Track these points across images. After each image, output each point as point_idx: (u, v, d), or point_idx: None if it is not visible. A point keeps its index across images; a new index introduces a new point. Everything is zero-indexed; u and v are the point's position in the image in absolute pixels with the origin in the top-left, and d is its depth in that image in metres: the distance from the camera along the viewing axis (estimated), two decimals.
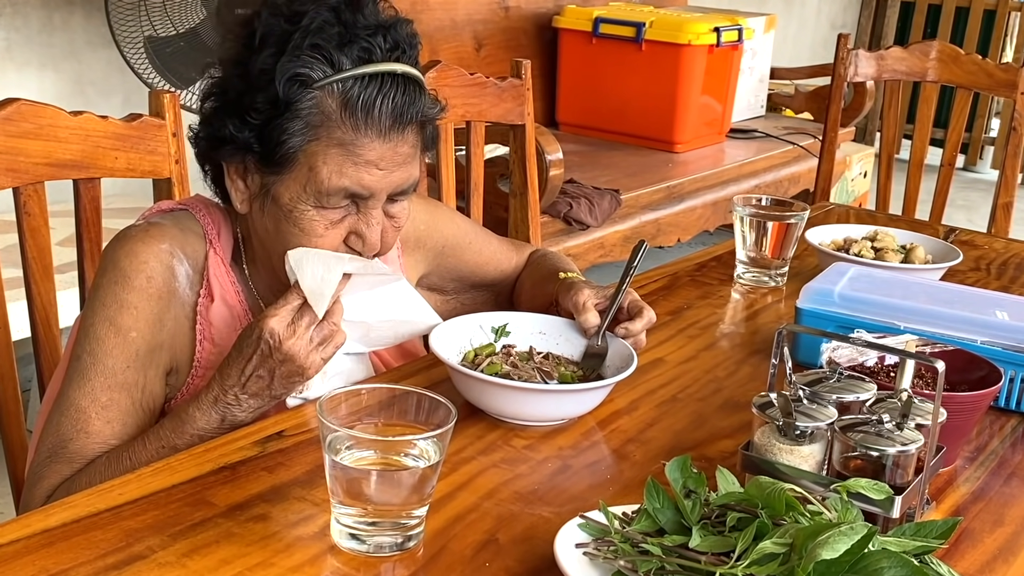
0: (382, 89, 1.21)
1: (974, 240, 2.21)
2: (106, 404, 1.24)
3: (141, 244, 1.28)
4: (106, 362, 1.24)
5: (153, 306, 1.27)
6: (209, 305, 1.31)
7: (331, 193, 1.22)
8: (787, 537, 0.90)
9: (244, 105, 1.23)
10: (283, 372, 1.18)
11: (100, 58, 3.26)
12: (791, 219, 1.82)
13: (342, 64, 1.21)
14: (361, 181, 1.22)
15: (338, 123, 1.21)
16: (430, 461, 1.00)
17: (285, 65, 1.20)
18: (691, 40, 3.78)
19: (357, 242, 1.27)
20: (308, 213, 1.24)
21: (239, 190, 1.29)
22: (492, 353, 1.35)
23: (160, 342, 1.28)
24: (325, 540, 1.02)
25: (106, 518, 1.03)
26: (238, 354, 1.19)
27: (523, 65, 2.20)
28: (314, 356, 1.19)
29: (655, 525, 0.98)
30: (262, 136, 1.22)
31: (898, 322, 1.45)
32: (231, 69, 1.25)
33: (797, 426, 1.08)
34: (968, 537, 1.11)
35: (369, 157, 1.22)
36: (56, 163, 1.45)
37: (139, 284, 1.26)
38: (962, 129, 2.79)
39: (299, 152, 1.22)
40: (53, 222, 1.50)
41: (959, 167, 5.73)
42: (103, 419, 1.24)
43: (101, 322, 1.25)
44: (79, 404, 1.24)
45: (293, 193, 1.23)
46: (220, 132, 1.25)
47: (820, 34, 6.34)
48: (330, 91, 1.21)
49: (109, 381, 1.24)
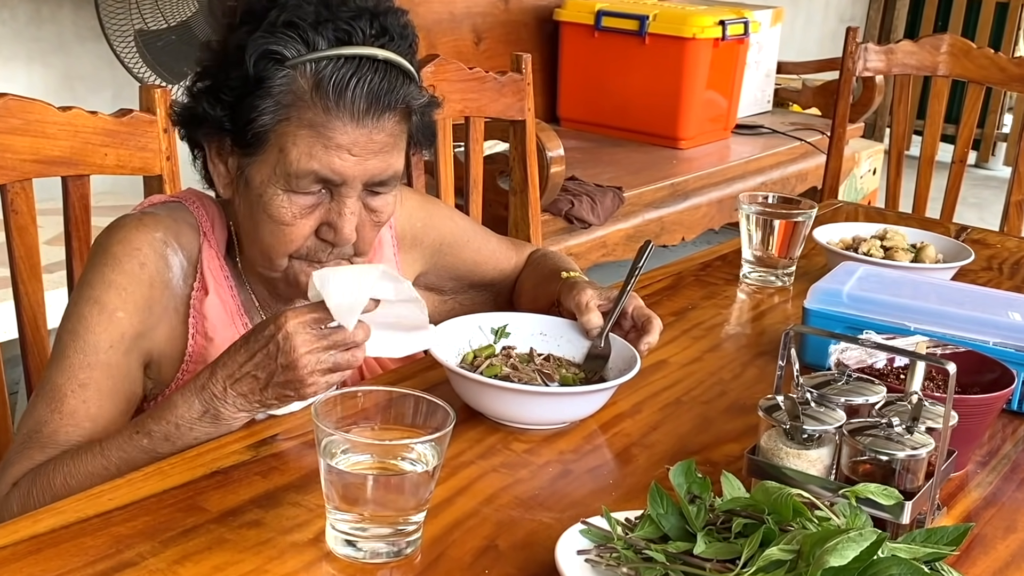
0: (358, 72, 1.20)
1: (986, 239, 2.21)
2: (83, 382, 1.22)
3: (135, 232, 1.28)
4: (87, 338, 1.23)
5: (144, 292, 1.26)
6: (203, 298, 1.31)
7: (300, 176, 1.21)
8: (794, 544, 0.90)
9: (218, 82, 1.24)
10: (280, 381, 1.14)
11: (89, 52, 3.26)
12: (798, 217, 1.82)
13: (317, 44, 1.20)
14: (331, 165, 1.21)
15: (309, 103, 1.20)
16: (428, 465, 1.00)
17: (258, 41, 1.20)
18: (696, 34, 3.78)
19: (328, 233, 1.25)
20: (278, 198, 1.23)
21: (220, 174, 1.30)
22: (492, 355, 1.35)
23: (145, 330, 1.27)
24: (320, 547, 1.02)
25: (95, 524, 1.03)
26: (244, 345, 1.15)
27: (523, 59, 2.20)
28: (318, 378, 1.13)
29: (659, 531, 0.98)
30: (234, 114, 1.23)
31: (908, 323, 1.45)
32: (211, 49, 1.27)
33: (804, 430, 1.08)
34: (980, 544, 1.11)
35: (340, 141, 1.20)
36: (44, 160, 1.45)
37: (130, 268, 1.26)
38: (974, 125, 2.79)
39: (270, 132, 1.22)
40: (41, 220, 1.50)
41: (971, 164, 5.73)
42: (79, 398, 1.22)
43: (86, 301, 1.25)
44: (56, 382, 1.23)
45: (264, 176, 1.23)
46: (195, 110, 1.26)
47: (828, 27, 6.34)
48: (303, 70, 1.20)
49: (89, 359, 1.23)
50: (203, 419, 1.16)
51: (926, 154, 2.81)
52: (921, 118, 3.34)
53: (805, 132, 4.19)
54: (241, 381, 1.15)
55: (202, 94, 1.26)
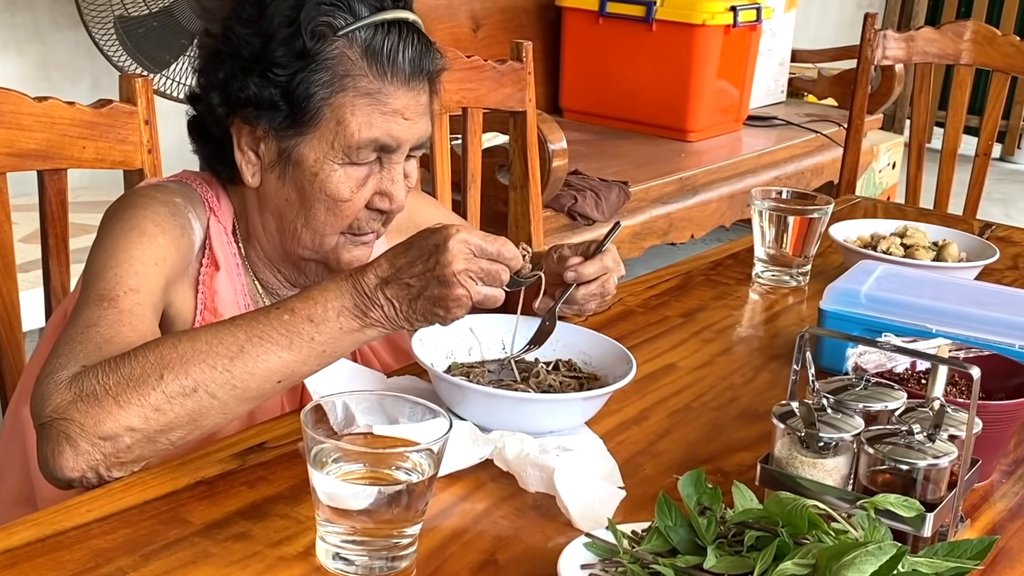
0: (401, 36, 1.28)
1: (1011, 236, 2.21)
2: (134, 287, 1.18)
3: (155, 192, 1.31)
4: (131, 253, 1.22)
5: (176, 234, 1.28)
6: (214, 274, 1.33)
7: (361, 146, 1.27)
8: (809, 558, 0.91)
9: (266, 61, 1.26)
10: (432, 295, 1.13)
11: (67, 39, 3.26)
12: (814, 213, 1.82)
13: (360, 12, 1.27)
14: (390, 131, 1.28)
15: (364, 72, 1.26)
16: (424, 475, 1.00)
17: (309, 14, 1.25)
18: (706, 20, 3.79)
19: (383, 201, 1.31)
20: (336, 173, 1.28)
21: (250, 162, 1.32)
22: (480, 362, 1.36)
23: (174, 276, 1.27)
24: (310, 561, 1.02)
25: (73, 536, 1.02)
26: (406, 251, 1.15)
27: (524, 47, 2.20)
28: (472, 284, 1.13)
29: (667, 544, 0.98)
30: (287, 92, 1.26)
31: (930, 325, 1.45)
32: (241, 28, 1.28)
33: (820, 437, 1.08)
34: (1005, 557, 1.11)
35: (396, 106, 1.27)
36: (19, 153, 1.45)
37: (163, 212, 1.28)
38: (998, 116, 2.79)
39: (325, 106, 1.26)
40: (15, 217, 1.50)
41: (995, 157, 5.72)
42: (132, 300, 1.17)
43: (120, 231, 1.24)
44: (101, 290, 1.17)
45: (319, 152, 1.28)
46: (242, 93, 1.27)
47: (845, 14, 6.34)
48: (353, 39, 1.26)
49: (136, 268, 1.21)
50: (352, 312, 1.13)
51: (948, 147, 2.81)
52: (943, 109, 3.33)
53: (821, 124, 4.19)
54: (393, 285, 1.14)
55: (245, 77, 1.26)
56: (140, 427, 1.07)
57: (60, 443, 1.06)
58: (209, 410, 1.09)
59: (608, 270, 1.38)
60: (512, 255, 1.17)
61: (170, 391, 1.07)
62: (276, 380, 1.12)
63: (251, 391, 1.11)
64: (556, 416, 1.26)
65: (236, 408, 1.12)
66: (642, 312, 1.69)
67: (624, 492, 1.14)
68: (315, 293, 1.14)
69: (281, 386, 1.13)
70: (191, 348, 1.09)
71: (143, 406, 1.07)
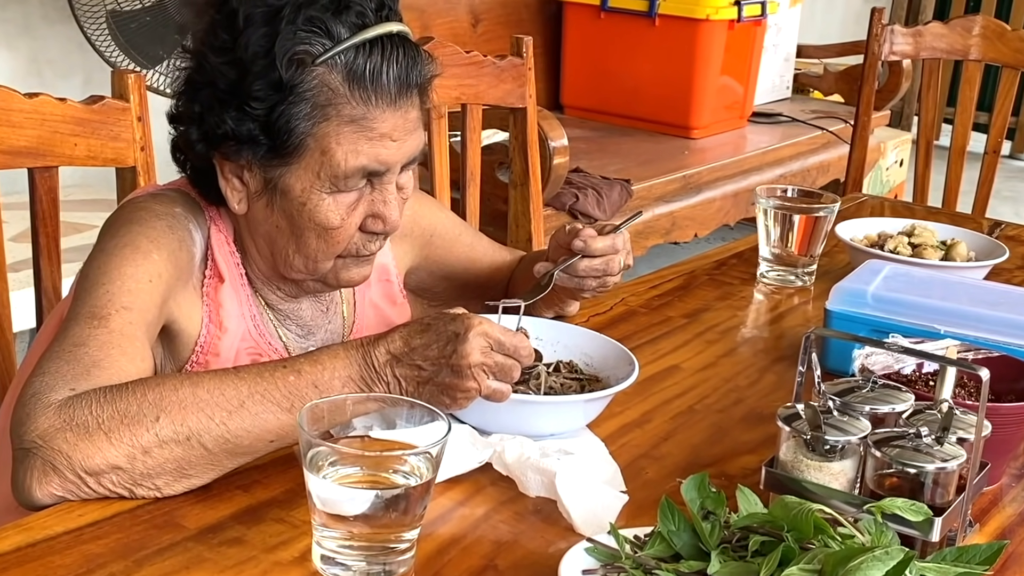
0: (384, 54, 1.23)
1: (1021, 235, 2.21)
2: (127, 305, 1.17)
3: (155, 203, 1.29)
4: (124, 271, 1.20)
5: (174, 248, 1.26)
6: (218, 286, 1.32)
7: (349, 175, 1.24)
8: (816, 563, 0.91)
9: (241, 95, 1.22)
10: (442, 382, 1.12)
11: (58, 34, 3.26)
12: (820, 212, 1.82)
13: (340, 34, 1.22)
14: (378, 157, 1.24)
15: (347, 99, 1.22)
16: (422, 479, 1.00)
17: (284, 44, 1.20)
18: (709, 14, 3.79)
19: (376, 224, 1.29)
20: (324, 202, 1.25)
21: (235, 189, 1.29)
22: None
23: (172, 291, 1.25)
24: (306, 566, 1.01)
25: (64, 541, 1.02)
26: (424, 332, 1.14)
27: (524, 42, 2.20)
28: (483, 379, 1.13)
29: (670, 550, 0.98)
30: (267, 126, 1.23)
31: (938, 326, 1.45)
32: (215, 57, 1.24)
33: (827, 440, 1.08)
34: (1015, 562, 1.11)
35: (383, 130, 1.24)
36: (9, 150, 1.45)
37: (160, 227, 1.26)
38: (1008, 113, 2.79)
39: (308, 137, 1.23)
40: (5, 215, 1.50)
41: (1005, 154, 5.73)
42: (124, 319, 1.16)
43: (113, 248, 1.22)
44: (92, 307, 1.16)
45: (305, 182, 1.25)
46: (219, 129, 1.24)
47: (852, 8, 6.34)
48: (333, 65, 1.22)
49: (129, 286, 1.19)
50: (357, 384, 1.13)
51: (957, 144, 2.81)
52: (951, 105, 3.34)
53: (827, 120, 4.19)
54: (404, 364, 1.13)
55: (222, 111, 1.23)
56: (126, 468, 1.06)
57: (45, 472, 1.05)
58: (197, 461, 1.09)
59: (616, 251, 1.41)
60: (528, 353, 1.16)
61: (163, 435, 1.07)
62: (269, 440, 1.12)
63: (242, 447, 1.11)
64: (557, 419, 1.26)
65: (224, 463, 1.11)
66: (644, 312, 1.69)
67: (626, 496, 1.14)
68: (324, 358, 1.13)
69: (273, 445, 1.13)
70: (192, 395, 1.09)
71: (133, 446, 1.06)
